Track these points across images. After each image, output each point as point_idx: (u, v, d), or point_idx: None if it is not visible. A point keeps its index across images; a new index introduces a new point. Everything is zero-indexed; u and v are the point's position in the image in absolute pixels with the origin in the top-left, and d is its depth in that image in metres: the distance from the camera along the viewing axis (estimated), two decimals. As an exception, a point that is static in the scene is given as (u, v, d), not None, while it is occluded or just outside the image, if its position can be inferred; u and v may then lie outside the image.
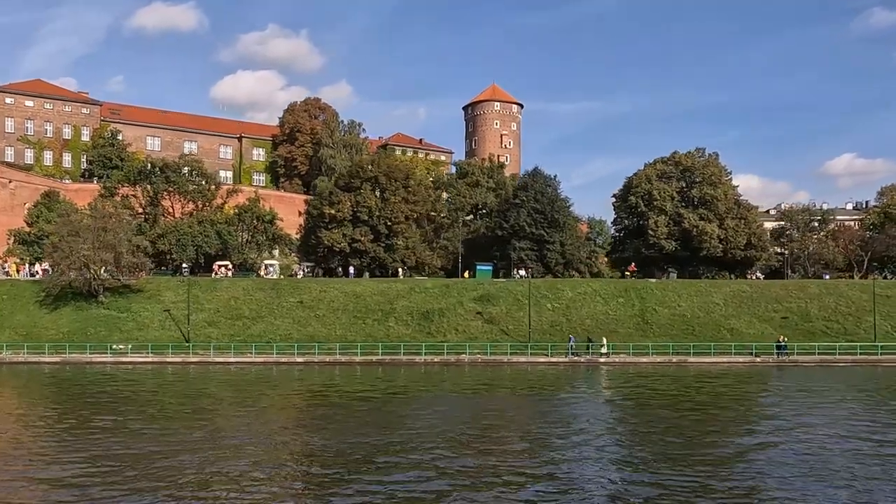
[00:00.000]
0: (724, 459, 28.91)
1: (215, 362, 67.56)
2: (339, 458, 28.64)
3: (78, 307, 76.58)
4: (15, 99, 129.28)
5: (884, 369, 66.71)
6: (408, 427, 35.48)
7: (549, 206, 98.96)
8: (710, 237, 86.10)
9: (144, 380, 56.79)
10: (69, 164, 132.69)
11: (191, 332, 72.74)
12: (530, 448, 31.08)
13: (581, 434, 34.23)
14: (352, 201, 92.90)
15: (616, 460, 28.72)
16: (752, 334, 75.67)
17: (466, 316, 77.19)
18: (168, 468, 26.52)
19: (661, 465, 27.53)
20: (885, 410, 42.23)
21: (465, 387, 53.66)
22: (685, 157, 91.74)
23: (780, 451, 30.10)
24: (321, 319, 76.39)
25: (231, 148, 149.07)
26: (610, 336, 74.22)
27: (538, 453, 29.91)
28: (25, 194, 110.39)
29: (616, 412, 42.35)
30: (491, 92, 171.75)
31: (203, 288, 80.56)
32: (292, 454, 29.54)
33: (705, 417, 39.39)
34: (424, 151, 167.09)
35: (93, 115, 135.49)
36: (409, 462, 27.74)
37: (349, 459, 28.25)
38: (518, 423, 38.23)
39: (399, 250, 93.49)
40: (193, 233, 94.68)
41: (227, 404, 44.59)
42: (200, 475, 25.59)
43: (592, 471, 26.82)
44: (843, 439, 32.59)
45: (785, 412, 41.01)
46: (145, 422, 36.93)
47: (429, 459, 28.09)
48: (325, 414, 40.28)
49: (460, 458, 28.65)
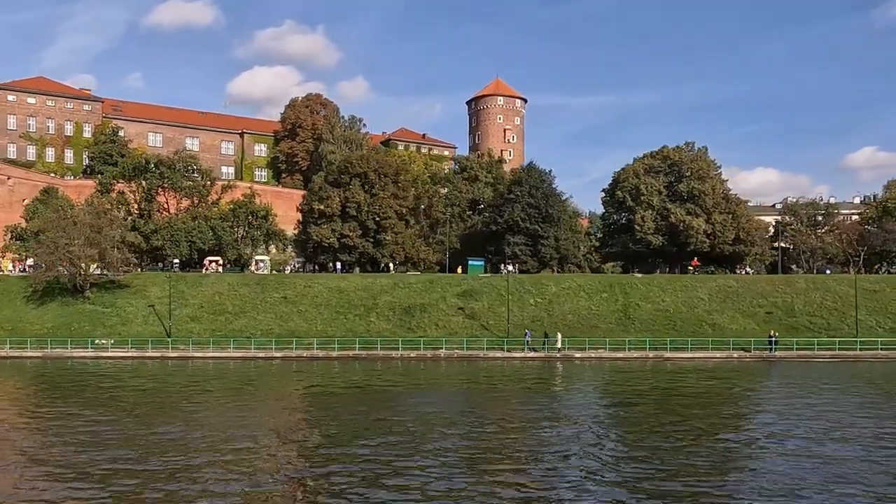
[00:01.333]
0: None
1: (194, 357, 68.16)
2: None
3: (64, 302, 77.54)
4: (17, 96, 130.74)
5: (864, 365, 66.20)
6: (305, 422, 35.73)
7: (543, 201, 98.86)
8: (696, 232, 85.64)
9: (117, 374, 57.35)
10: (71, 161, 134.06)
11: (172, 328, 73.40)
12: (399, 442, 30.82)
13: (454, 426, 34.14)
14: (341, 197, 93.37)
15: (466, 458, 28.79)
16: (735, 329, 75.29)
17: (448, 311, 77.39)
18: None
19: (560, 463, 27.62)
20: (853, 405, 41.90)
21: (425, 381, 53.86)
22: (673, 151, 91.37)
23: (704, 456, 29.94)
24: (303, 315, 76.87)
25: (233, 144, 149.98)
26: (590, 331, 74.27)
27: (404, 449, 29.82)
28: (24, 191, 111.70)
29: (541, 410, 42.03)
30: (494, 87, 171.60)
31: (189, 283, 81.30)
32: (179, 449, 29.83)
33: (648, 415, 39.33)
34: (427, 146, 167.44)
35: (94, 112, 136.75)
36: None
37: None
38: (418, 418, 37.39)
39: (388, 245, 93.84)
40: (188, 228, 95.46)
41: (180, 399, 44.95)
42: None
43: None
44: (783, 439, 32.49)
45: (734, 409, 40.89)
46: (89, 413, 37.41)
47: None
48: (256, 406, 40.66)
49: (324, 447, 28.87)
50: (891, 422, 36.03)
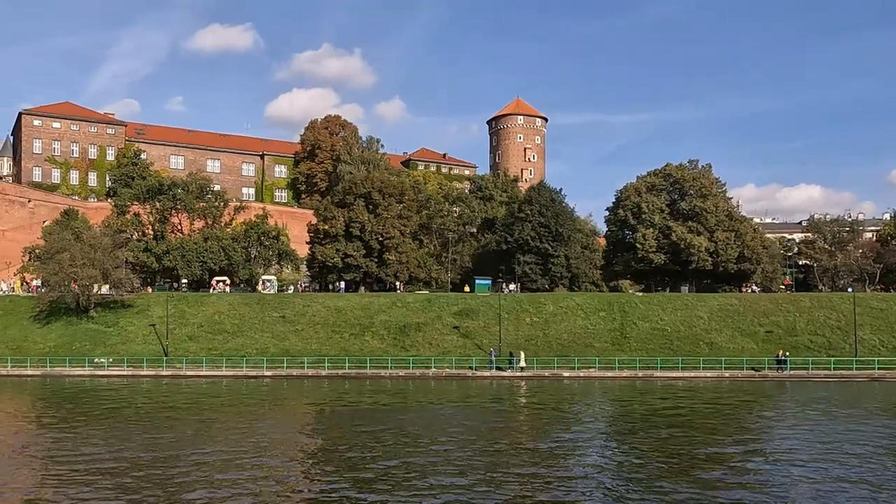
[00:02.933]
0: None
1: (187, 376, 69.11)
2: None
3: (68, 322, 79.18)
4: (43, 121, 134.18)
5: (858, 384, 65.01)
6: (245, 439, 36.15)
7: (553, 220, 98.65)
8: (698, 250, 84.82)
9: (107, 392, 58.43)
10: (95, 184, 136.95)
11: (169, 347, 74.53)
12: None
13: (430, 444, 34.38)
14: (345, 217, 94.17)
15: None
16: (732, 349, 74.40)
17: (443, 330, 77.56)
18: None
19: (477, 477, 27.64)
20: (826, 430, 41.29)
21: (406, 400, 54.04)
22: (676, 169, 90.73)
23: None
24: (299, 334, 77.56)
25: (253, 165, 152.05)
26: (585, 350, 73.93)
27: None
28: (44, 212, 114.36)
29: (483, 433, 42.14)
30: (515, 106, 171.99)
31: (190, 303, 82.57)
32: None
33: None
34: (448, 166, 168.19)
35: (118, 136, 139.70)
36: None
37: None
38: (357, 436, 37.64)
39: (392, 265, 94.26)
40: (199, 249, 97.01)
41: (152, 416, 45.69)
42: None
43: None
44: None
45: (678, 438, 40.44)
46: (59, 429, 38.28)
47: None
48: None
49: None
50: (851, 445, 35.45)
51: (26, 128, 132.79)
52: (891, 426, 40.76)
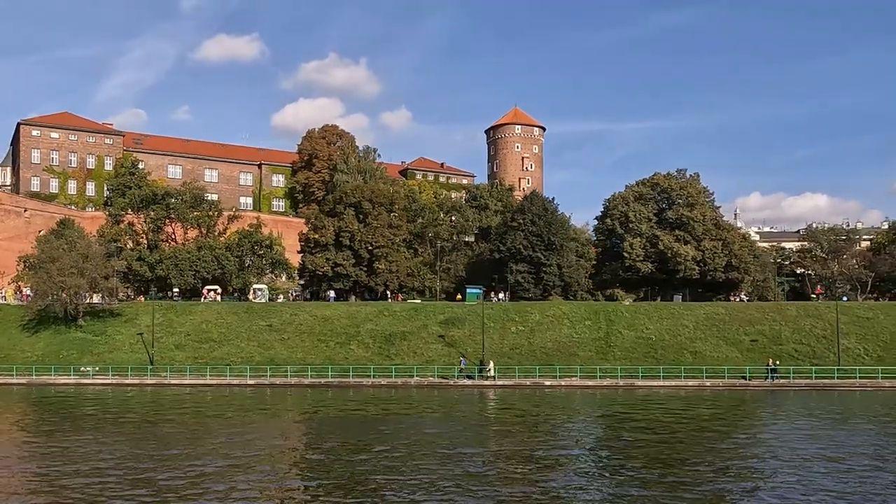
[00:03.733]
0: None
1: (171, 384, 69.53)
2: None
3: (57, 331, 79.77)
4: (41, 131, 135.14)
5: (839, 393, 64.98)
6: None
7: (545, 229, 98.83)
8: (684, 259, 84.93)
9: (86, 401, 58.87)
10: (93, 193, 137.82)
11: (155, 355, 75.00)
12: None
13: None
14: (335, 226, 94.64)
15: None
16: (717, 358, 74.45)
17: (429, 339, 77.84)
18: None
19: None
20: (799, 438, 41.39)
21: (371, 408, 54.31)
22: (664, 178, 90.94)
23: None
24: (285, 342, 77.95)
25: (251, 175, 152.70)
26: (569, 359, 74.06)
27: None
28: (40, 222, 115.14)
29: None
30: (512, 115, 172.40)
31: (178, 312, 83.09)
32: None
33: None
34: (446, 175, 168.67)
35: (116, 146, 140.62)
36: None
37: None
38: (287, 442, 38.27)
39: (382, 274, 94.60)
40: (192, 258, 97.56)
41: (118, 423, 46.09)
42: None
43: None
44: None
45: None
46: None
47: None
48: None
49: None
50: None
51: (25, 138, 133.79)
52: (856, 437, 40.82)
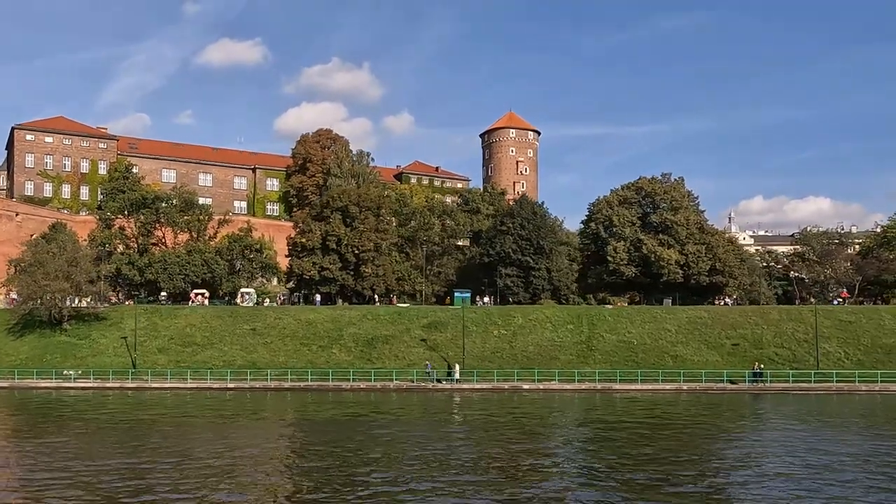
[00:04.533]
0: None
1: (152, 388, 69.93)
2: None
3: (42, 334, 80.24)
4: (35, 136, 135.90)
5: (816, 397, 65.14)
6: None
7: (534, 233, 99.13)
8: (668, 262, 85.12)
9: (62, 406, 59.31)
10: (86, 197, 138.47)
11: (138, 359, 75.45)
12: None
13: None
14: (322, 230, 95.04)
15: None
16: (697, 362, 74.61)
17: (411, 343, 78.14)
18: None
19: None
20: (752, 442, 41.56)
21: (341, 412, 54.65)
22: (648, 182, 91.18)
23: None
24: (268, 346, 78.32)
25: (245, 179, 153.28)
26: (549, 363, 74.32)
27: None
28: (32, 226, 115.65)
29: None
30: (507, 119, 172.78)
31: (163, 315, 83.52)
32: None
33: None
34: (441, 179, 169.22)
35: (110, 150, 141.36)
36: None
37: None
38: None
39: (368, 278, 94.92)
40: (182, 262, 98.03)
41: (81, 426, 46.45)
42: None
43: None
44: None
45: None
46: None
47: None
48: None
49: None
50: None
51: (19, 142, 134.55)
52: (817, 441, 40.99)
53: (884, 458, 34.59)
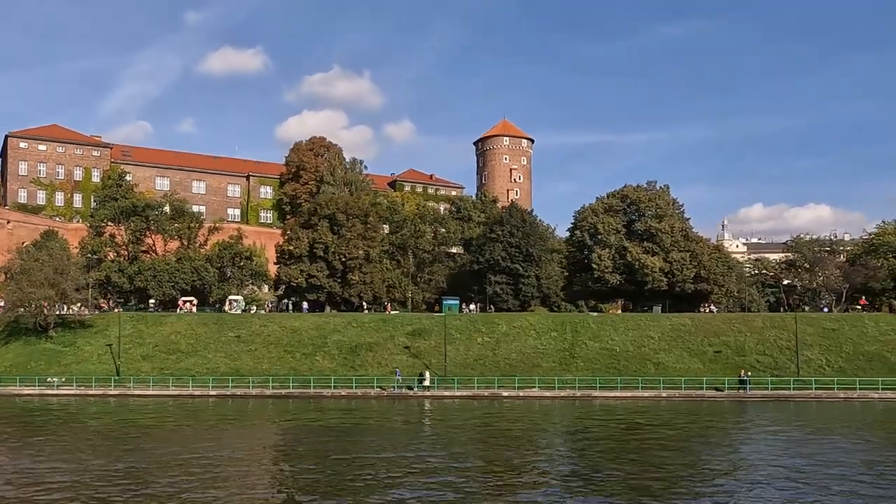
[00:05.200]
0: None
1: (134, 395, 70.23)
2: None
3: (27, 342, 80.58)
4: (29, 144, 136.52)
5: (794, 404, 65.35)
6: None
7: (523, 241, 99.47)
8: (652, 270, 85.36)
9: (39, 413, 59.65)
10: (80, 205, 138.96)
11: (122, 366, 75.75)
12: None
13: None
14: (309, 238, 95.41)
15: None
16: (679, 369, 74.79)
17: (394, 350, 78.39)
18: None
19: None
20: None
21: (312, 419, 54.91)
22: (633, 190, 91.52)
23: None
24: (252, 354, 78.60)
25: (239, 186, 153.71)
26: (531, 370, 74.55)
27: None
28: (23, 234, 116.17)
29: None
30: (501, 127, 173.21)
31: (149, 323, 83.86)
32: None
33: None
34: (435, 187, 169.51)
35: (103, 158, 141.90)
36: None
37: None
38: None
39: (355, 285, 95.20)
40: (171, 269, 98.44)
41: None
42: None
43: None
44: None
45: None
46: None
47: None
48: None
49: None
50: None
51: (12, 150, 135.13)
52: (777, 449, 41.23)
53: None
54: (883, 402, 65.84)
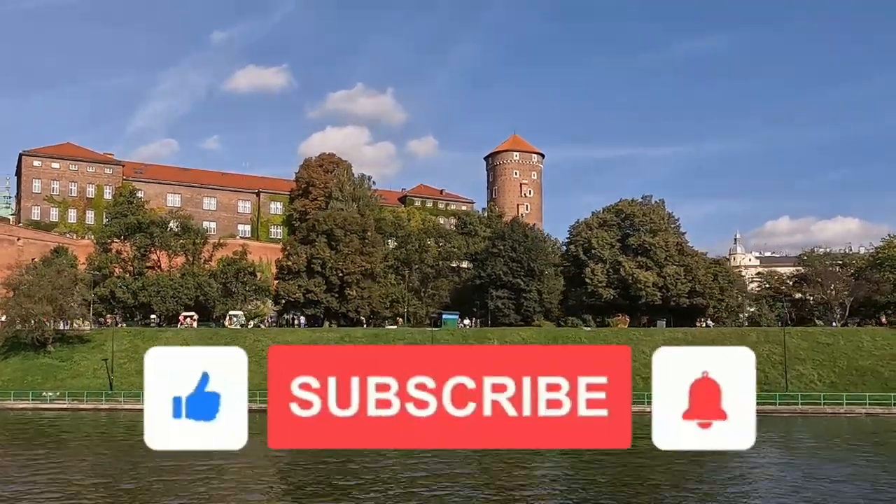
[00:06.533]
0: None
1: (125, 409, 71.21)
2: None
3: (25, 357, 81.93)
4: (42, 162, 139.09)
5: (785, 420, 64.75)
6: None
7: (525, 255, 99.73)
8: (645, 285, 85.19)
9: (35, 424, 60.80)
10: (92, 222, 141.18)
11: (116, 381, 76.90)
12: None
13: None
14: (307, 253, 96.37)
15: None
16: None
17: (383, 365, 78.61)
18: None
19: None
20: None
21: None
22: (628, 204, 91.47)
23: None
24: (243, 368, 79.12)
25: (249, 203, 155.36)
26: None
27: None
28: (33, 250, 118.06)
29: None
30: (511, 142, 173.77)
31: (147, 338, 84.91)
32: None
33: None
34: (445, 202, 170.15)
35: (115, 175, 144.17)
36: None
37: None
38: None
39: (353, 300, 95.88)
40: (175, 285, 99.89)
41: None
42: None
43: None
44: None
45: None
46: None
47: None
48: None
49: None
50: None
51: (26, 168, 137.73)
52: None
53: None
54: (870, 417, 65.11)
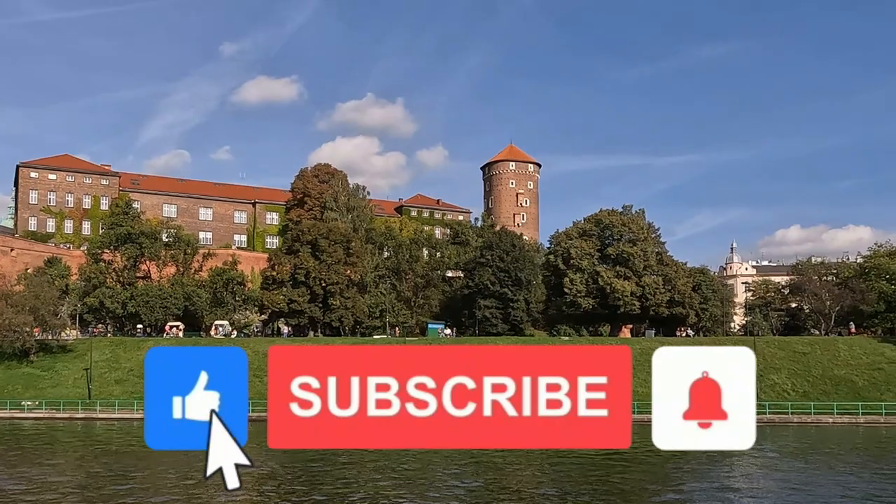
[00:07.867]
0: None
1: (101, 418, 72.02)
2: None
3: (8, 366, 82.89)
4: (39, 173, 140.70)
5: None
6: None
7: (513, 265, 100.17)
8: (623, 294, 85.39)
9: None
10: (88, 232, 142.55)
11: (94, 390, 77.69)
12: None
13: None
14: (291, 263, 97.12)
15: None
16: (641, 394, 73.73)
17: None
18: None
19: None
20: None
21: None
22: (607, 214, 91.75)
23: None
24: (221, 378, 79.82)
25: (245, 213, 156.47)
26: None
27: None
28: (27, 260, 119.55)
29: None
30: (507, 152, 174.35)
31: (127, 348, 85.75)
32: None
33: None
34: (441, 212, 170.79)
35: (111, 186, 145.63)
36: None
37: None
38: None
39: (336, 310, 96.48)
40: (163, 295, 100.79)
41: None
42: None
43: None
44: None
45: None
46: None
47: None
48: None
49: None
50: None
51: (23, 179, 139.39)
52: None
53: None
54: (837, 426, 65.08)
